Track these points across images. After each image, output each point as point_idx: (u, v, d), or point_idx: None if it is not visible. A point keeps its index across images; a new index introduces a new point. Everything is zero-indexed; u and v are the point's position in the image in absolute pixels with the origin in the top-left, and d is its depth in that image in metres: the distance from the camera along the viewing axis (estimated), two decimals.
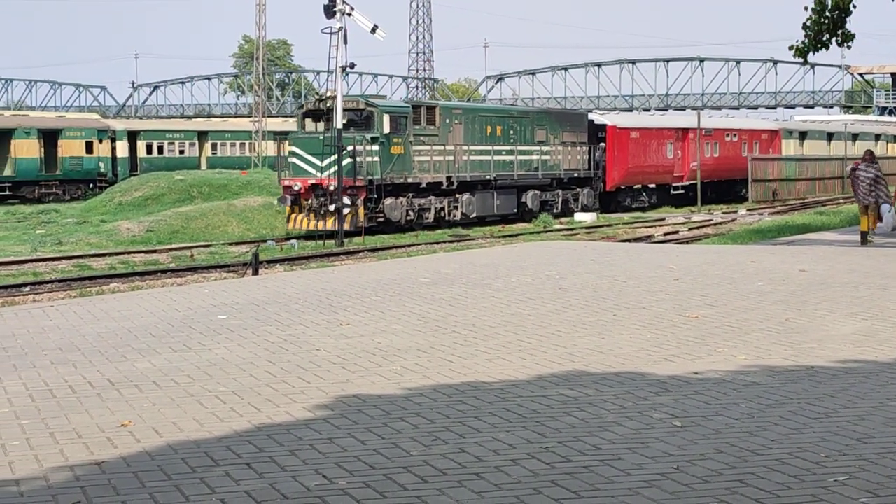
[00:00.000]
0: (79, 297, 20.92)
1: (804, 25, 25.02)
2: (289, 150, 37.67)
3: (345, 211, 34.63)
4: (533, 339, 10.67)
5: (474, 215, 41.14)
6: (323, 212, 35.74)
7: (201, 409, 8.01)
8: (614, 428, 7.33)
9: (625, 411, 7.79)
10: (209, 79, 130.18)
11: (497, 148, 42.52)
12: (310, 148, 36.55)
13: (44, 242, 34.62)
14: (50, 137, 62.15)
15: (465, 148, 40.72)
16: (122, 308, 13.44)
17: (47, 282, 24.08)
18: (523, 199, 43.99)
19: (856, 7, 24.86)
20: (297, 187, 36.15)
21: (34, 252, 31.83)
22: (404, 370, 9.30)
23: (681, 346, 10.28)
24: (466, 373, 9.17)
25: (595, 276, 15.73)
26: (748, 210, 49.47)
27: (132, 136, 66.86)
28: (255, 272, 22.72)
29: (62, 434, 7.33)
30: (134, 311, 13.06)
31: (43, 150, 61.44)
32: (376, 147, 36.38)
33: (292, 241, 34.36)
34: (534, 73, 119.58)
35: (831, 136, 67.66)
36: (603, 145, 48.84)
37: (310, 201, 36.10)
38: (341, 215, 34.45)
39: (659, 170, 51.98)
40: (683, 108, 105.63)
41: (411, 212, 38.48)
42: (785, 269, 16.48)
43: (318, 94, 43.89)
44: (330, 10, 34.26)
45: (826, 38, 24.98)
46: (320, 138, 36.24)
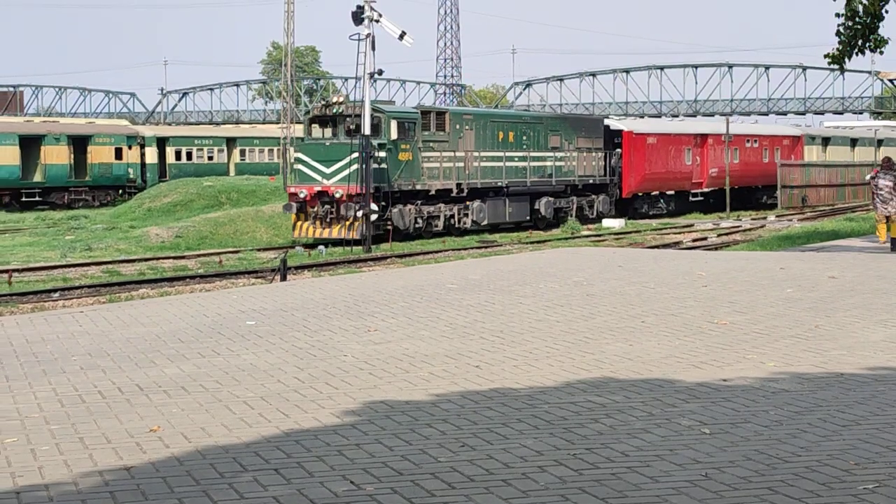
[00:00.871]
0: (108, 302, 21.03)
1: (837, 32, 24.75)
2: (294, 157, 37.25)
3: (372, 217, 34.58)
4: (560, 346, 10.65)
5: (485, 223, 40.41)
6: (329, 220, 35.26)
7: (230, 414, 8.03)
8: (642, 435, 7.31)
9: (653, 418, 7.76)
10: (237, 85, 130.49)
11: (509, 154, 41.79)
12: (316, 155, 36.06)
13: (73, 248, 34.84)
14: (79, 144, 62.56)
15: (476, 154, 40.05)
16: (151, 314, 13.49)
17: (77, 287, 24.22)
18: (536, 207, 43.19)
19: (888, 12, 24.56)
20: (302, 194, 35.60)
21: (64, 258, 32.03)
22: (432, 376, 9.30)
23: (709, 352, 10.24)
24: (494, 379, 9.16)
25: (623, 283, 15.69)
26: (777, 216, 49.24)
27: (161, 143, 67.26)
28: (284, 278, 22.79)
29: (91, 439, 7.36)
30: (163, 317, 13.11)
31: (72, 156, 61.86)
32: (383, 154, 35.84)
33: (320, 247, 34.33)
34: (562, 80, 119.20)
35: (855, 142, 67.25)
36: (619, 151, 48.18)
37: (315, 209, 35.56)
38: (368, 221, 34.40)
39: (677, 176, 51.24)
40: (712, 115, 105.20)
41: (420, 219, 37.86)
42: (814, 275, 16.39)
43: (325, 100, 43.63)
44: (358, 17, 34.35)
45: (860, 43, 24.71)
46: (327, 145, 35.98)
